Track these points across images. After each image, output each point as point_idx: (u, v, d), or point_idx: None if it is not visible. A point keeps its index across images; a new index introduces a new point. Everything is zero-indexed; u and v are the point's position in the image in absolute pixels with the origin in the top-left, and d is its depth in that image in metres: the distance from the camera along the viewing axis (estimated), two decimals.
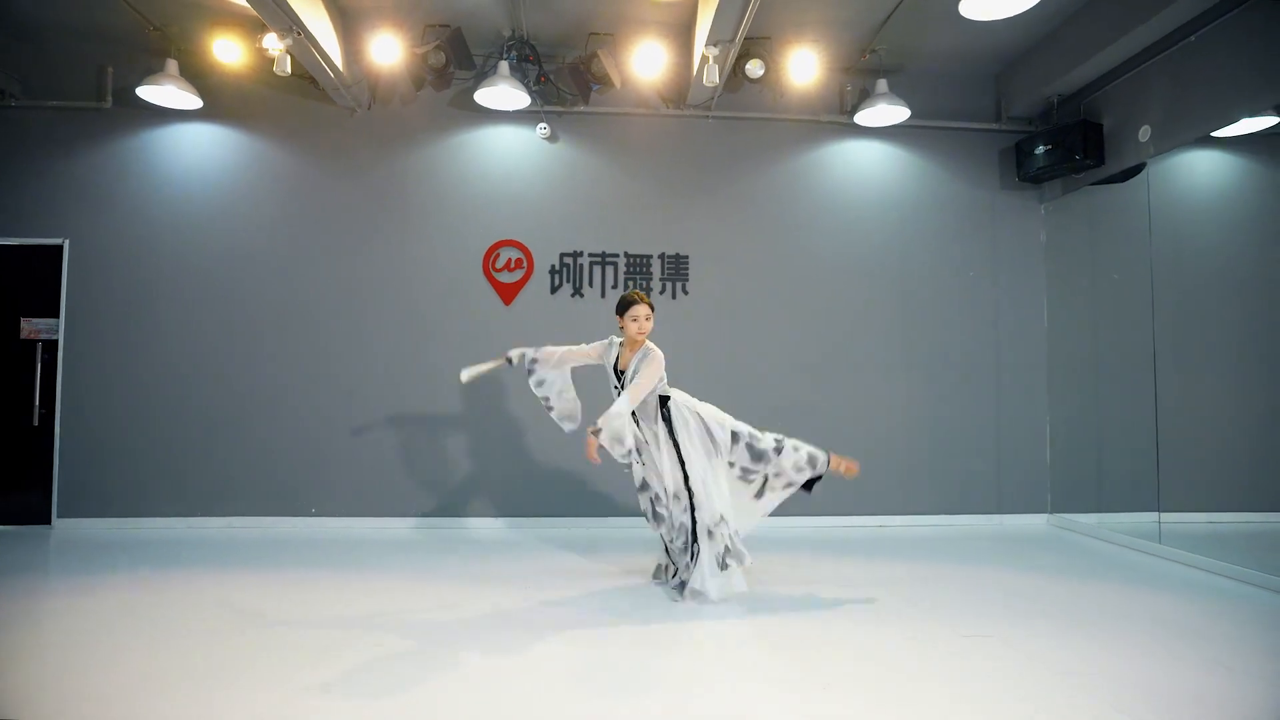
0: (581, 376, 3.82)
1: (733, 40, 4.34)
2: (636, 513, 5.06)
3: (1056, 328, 5.38)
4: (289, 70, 4.32)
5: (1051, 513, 5.32)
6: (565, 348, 3.69)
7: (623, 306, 3.49)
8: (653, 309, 3.53)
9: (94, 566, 3.93)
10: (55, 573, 3.91)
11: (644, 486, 3.58)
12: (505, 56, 4.90)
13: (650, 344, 3.46)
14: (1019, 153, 5.22)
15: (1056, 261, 5.40)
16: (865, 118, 5.15)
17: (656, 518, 3.55)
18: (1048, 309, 5.44)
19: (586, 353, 3.64)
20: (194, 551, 4.29)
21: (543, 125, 5.20)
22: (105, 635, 2.85)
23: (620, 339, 3.56)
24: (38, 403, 4.94)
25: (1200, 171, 4.45)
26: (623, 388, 3.41)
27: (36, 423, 4.94)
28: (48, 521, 4.89)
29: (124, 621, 3.02)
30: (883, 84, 5.07)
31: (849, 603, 3.40)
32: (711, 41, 4.34)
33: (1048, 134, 4.98)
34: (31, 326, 5.00)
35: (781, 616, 3.18)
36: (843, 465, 3.64)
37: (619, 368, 3.50)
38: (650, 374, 3.35)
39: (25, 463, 4.93)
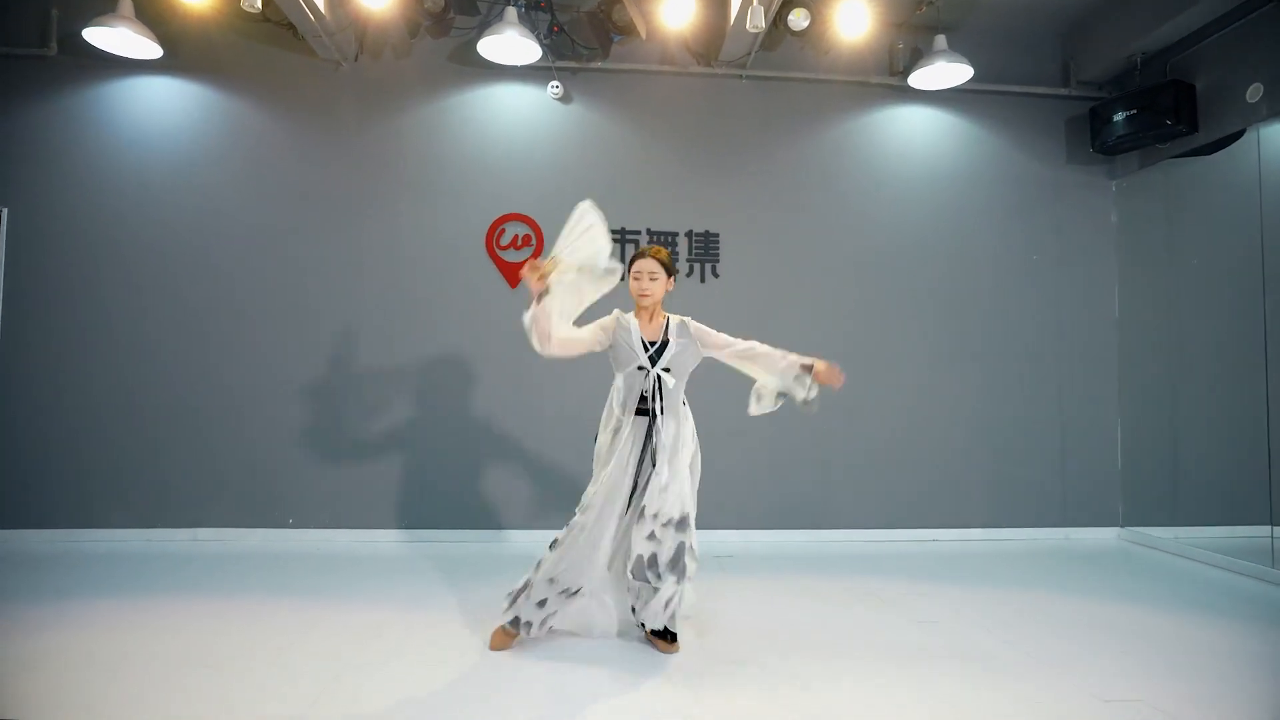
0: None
1: None
2: (704, 522, 4.50)
3: (1129, 318, 4.80)
4: (259, 7, 3.68)
5: (1123, 526, 4.75)
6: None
7: (629, 264, 2.83)
8: (670, 272, 2.81)
9: (30, 587, 3.29)
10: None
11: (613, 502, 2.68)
12: (513, 3, 4.26)
13: (685, 317, 2.84)
14: (1094, 120, 4.63)
15: (1129, 244, 4.81)
16: (921, 79, 4.54)
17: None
18: (1119, 297, 4.86)
19: (585, 339, 2.72)
20: (151, 568, 3.66)
21: (554, 83, 4.57)
22: (34, 678, 2.21)
23: (631, 313, 2.80)
24: None
25: None
26: (655, 362, 2.68)
27: None
28: None
29: (59, 660, 2.38)
30: (941, 40, 4.46)
31: (934, 647, 2.79)
32: None
33: (1130, 97, 4.38)
34: None
35: (851, 668, 2.57)
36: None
37: (647, 339, 2.73)
38: (713, 331, 2.83)
39: None
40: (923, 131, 4.83)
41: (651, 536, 2.61)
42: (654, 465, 2.65)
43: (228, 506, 4.37)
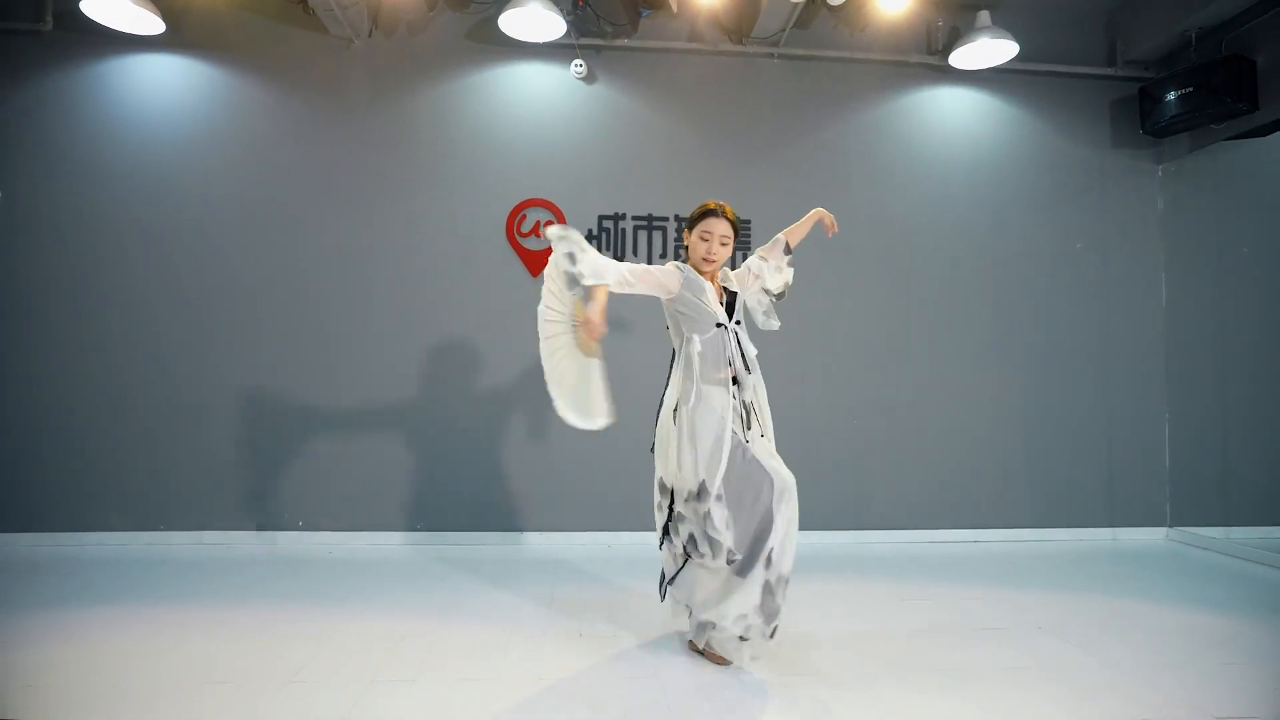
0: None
1: None
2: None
3: (1177, 311, 4.59)
4: None
5: (1171, 526, 4.54)
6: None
7: (694, 220, 2.54)
8: (737, 235, 2.56)
9: (28, 594, 3.05)
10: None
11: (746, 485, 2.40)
12: None
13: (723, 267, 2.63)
14: (1144, 100, 4.41)
15: (1177, 232, 4.61)
16: (963, 57, 4.32)
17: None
18: (1166, 288, 4.65)
19: (641, 280, 2.43)
20: (154, 574, 3.42)
21: (578, 62, 4.34)
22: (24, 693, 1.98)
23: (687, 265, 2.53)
24: None
25: None
26: (731, 316, 2.53)
27: None
28: None
29: (60, 672, 2.15)
30: (985, 16, 4.25)
31: (1010, 658, 2.57)
32: None
33: (1184, 75, 4.17)
34: None
35: (940, 681, 2.35)
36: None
37: (714, 296, 2.51)
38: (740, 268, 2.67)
39: None
40: (962, 113, 4.61)
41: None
42: (748, 429, 2.46)
43: (233, 509, 4.13)
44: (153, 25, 4.00)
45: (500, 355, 4.26)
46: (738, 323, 2.56)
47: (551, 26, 4.07)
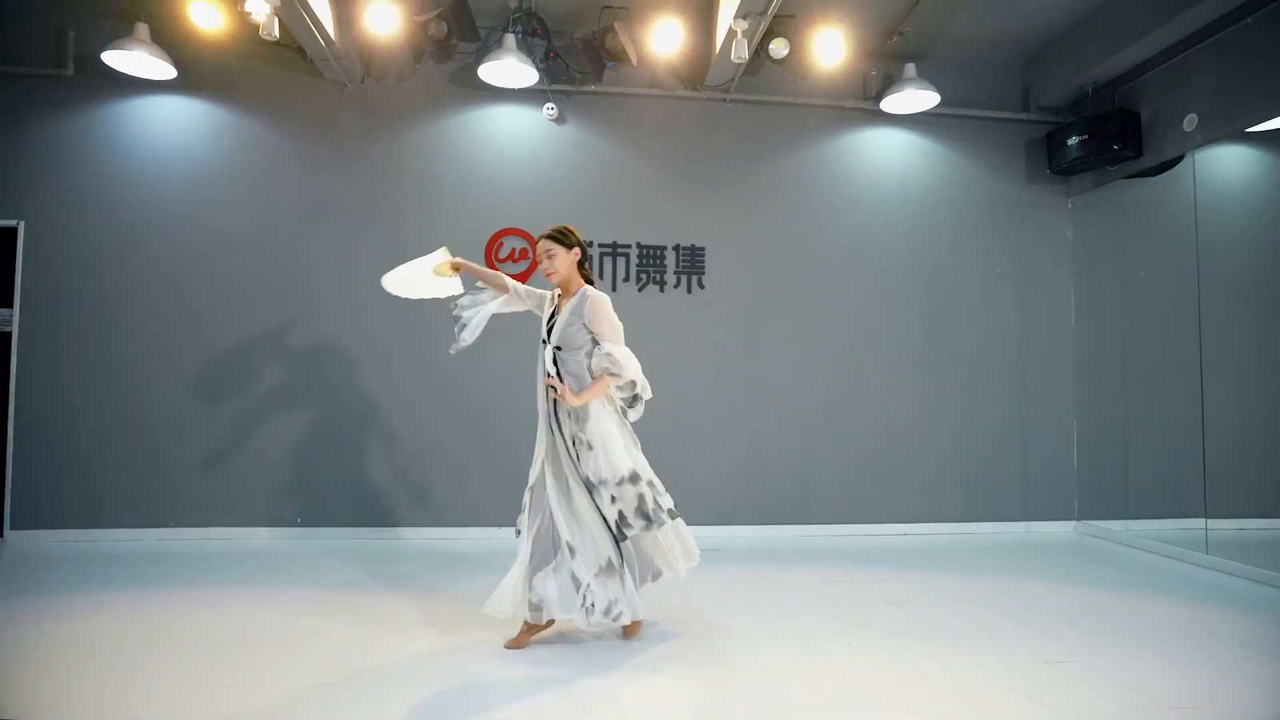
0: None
1: (764, 13, 4.05)
2: (693, 518, 4.77)
3: (1084, 327, 5.17)
4: (276, 35, 3.91)
5: (1079, 519, 5.11)
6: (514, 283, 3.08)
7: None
8: (569, 245, 2.90)
9: (51, 585, 3.48)
10: (7, 594, 3.44)
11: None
12: (511, 29, 4.53)
13: (589, 288, 2.87)
14: (1050, 143, 5.00)
15: (1085, 258, 5.19)
16: (892, 104, 4.88)
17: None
18: (1075, 307, 5.23)
19: (522, 297, 3.05)
20: (166, 565, 3.86)
21: (550, 105, 4.85)
22: (58, 672, 2.44)
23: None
24: None
25: (1245, 163, 4.25)
26: (548, 340, 2.82)
27: None
28: None
29: (78, 654, 2.60)
30: (911, 68, 4.81)
31: (902, 624, 3.10)
32: (741, 14, 4.03)
33: (1082, 124, 4.75)
34: None
35: (836, 642, 2.87)
36: None
37: (554, 313, 2.89)
38: (608, 320, 2.78)
39: None
40: (895, 152, 5.17)
41: (612, 500, 2.74)
42: (566, 440, 2.78)
43: (237, 507, 4.57)
44: (165, 71, 4.45)
45: (480, 366, 4.73)
46: (558, 347, 2.78)
47: (525, 75, 4.57)
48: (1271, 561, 3.77)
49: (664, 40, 4.53)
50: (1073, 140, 4.79)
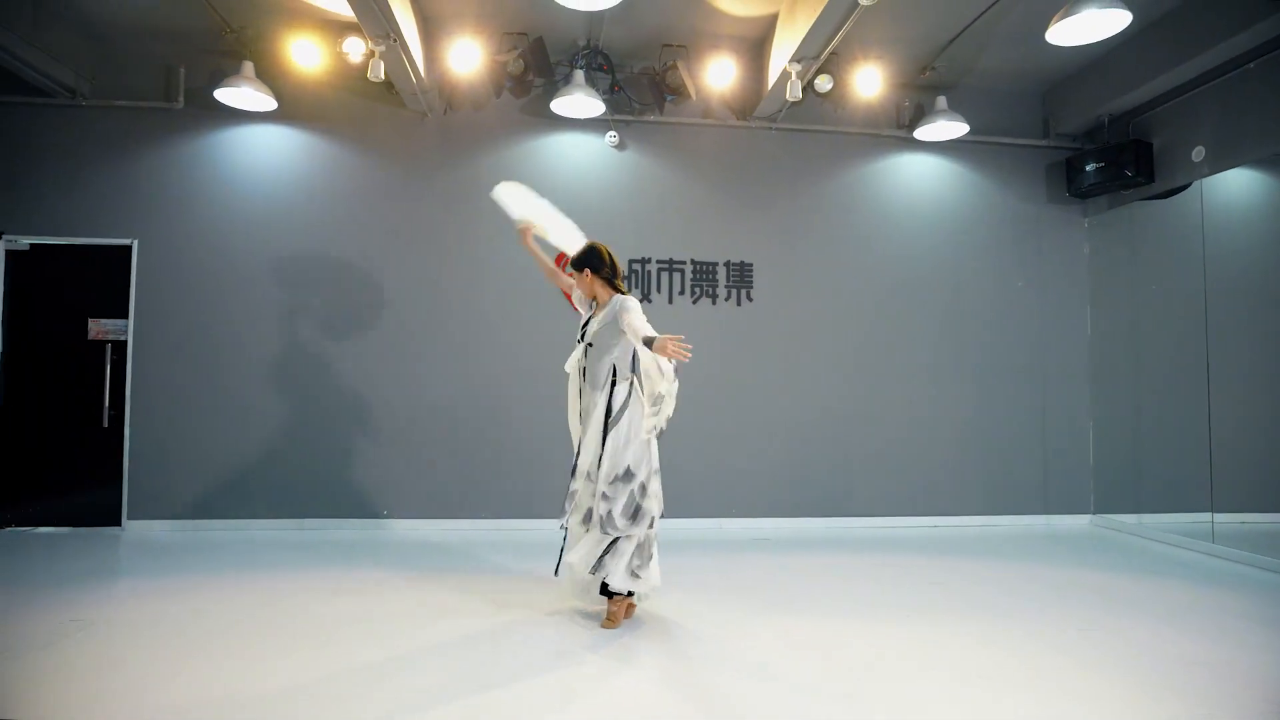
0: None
1: (817, 57, 4.50)
2: (720, 512, 5.23)
3: (1099, 336, 5.63)
4: (382, 76, 4.37)
5: (1095, 513, 5.57)
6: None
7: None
8: (580, 267, 3.31)
9: (166, 569, 3.96)
10: (130, 575, 3.90)
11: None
12: (579, 66, 4.99)
13: (620, 296, 3.15)
14: (1069, 169, 5.46)
15: (1100, 272, 5.65)
16: (925, 133, 5.33)
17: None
18: (1091, 318, 5.69)
19: (567, 281, 3.48)
20: (264, 554, 4.32)
21: (612, 133, 5.31)
22: (177, 641, 2.90)
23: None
24: (107, 404, 4.91)
25: (1251, 187, 4.70)
26: (582, 339, 3.19)
27: (106, 424, 4.90)
28: (118, 523, 4.87)
29: (196, 626, 3.05)
30: (942, 100, 5.26)
31: (954, 600, 3.56)
32: (796, 58, 4.49)
33: (1099, 152, 5.21)
34: (100, 327, 4.97)
35: (893, 612, 3.33)
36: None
37: (592, 316, 3.24)
38: (637, 316, 3.01)
39: (96, 464, 4.89)
40: (926, 176, 5.63)
41: (603, 496, 2.95)
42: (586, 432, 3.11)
43: (330, 500, 5.03)
44: (267, 103, 4.91)
45: (548, 372, 5.17)
46: (589, 344, 3.13)
47: (592, 107, 5.02)
48: (1273, 550, 4.23)
49: (719, 76, 4.99)
50: (1090, 166, 5.24)
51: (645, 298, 5.31)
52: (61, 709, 2.25)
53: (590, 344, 3.15)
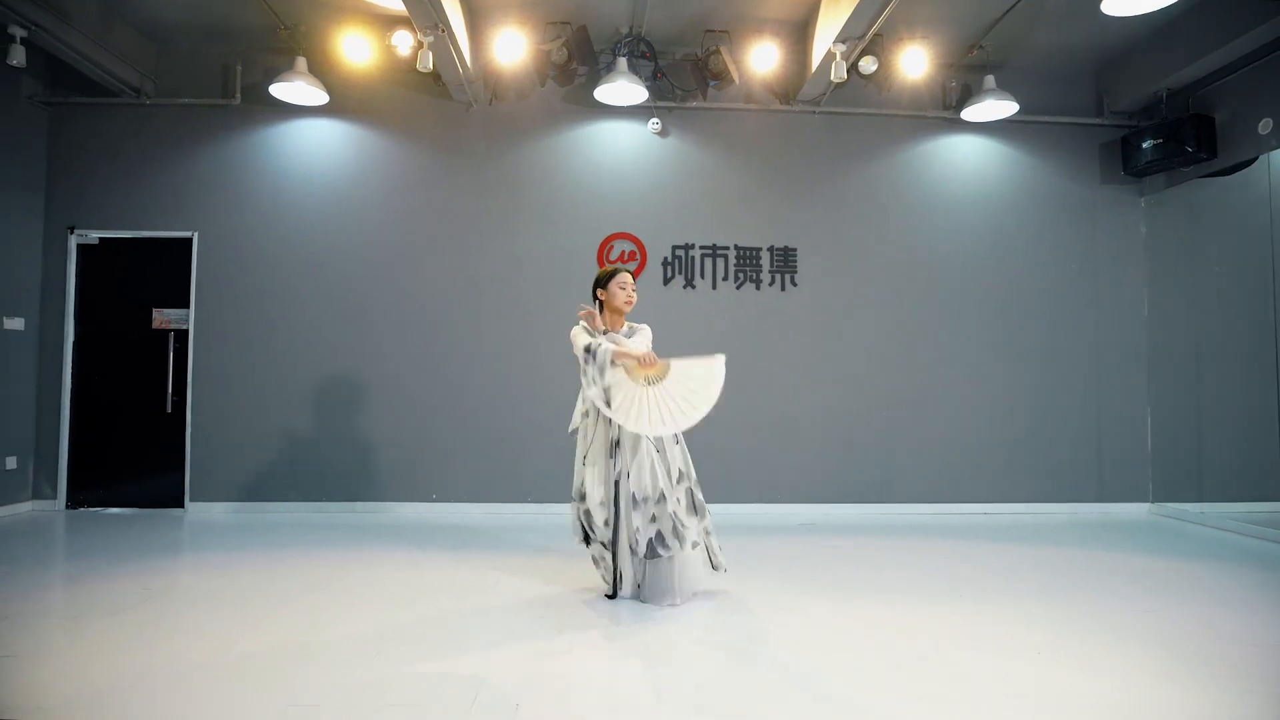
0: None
1: (862, 37, 4.45)
2: (764, 497, 5.20)
3: (1157, 319, 5.46)
4: (431, 66, 4.45)
5: (1153, 501, 5.40)
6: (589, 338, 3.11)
7: (608, 276, 3.18)
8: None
9: (228, 545, 4.10)
10: (195, 551, 4.05)
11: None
12: (622, 53, 5.01)
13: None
14: (1125, 147, 5.30)
15: (1157, 253, 5.47)
16: (973, 113, 5.23)
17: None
18: (1148, 300, 5.51)
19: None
20: (320, 535, 4.43)
21: (654, 120, 5.32)
22: (248, 604, 2.99)
23: (589, 326, 3.14)
24: (170, 390, 5.10)
25: None
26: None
27: (169, 410, 5.09)
28: (181, 505, 5.05)
29: (261, 595, 3.16)
30: (990, 80, 5.16)
31: (1011, 583, 3.49)
32: (840, 39, 4.44)
33: (1157, 128, 5.05)
34: (163, 316, 5.16)
35: (957, 595, 3.28)
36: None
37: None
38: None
39: (160, 448, 5.09)
40: (973, 158, 5.52)
41: (652, 519, 2.93)
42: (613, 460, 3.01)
43: (380, 484, 5.15)
44: (319, 98, 5.04)
45: None
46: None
47: (637, 94, 5.04)
48: None
49: (762, 60, 4.97)
50: (1147, 143, 5.08)
51: (689, 283, 5.32)
52: (150, 658, 2.36)
53: None
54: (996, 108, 5.14)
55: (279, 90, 4.92)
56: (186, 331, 5.13)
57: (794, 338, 5.36)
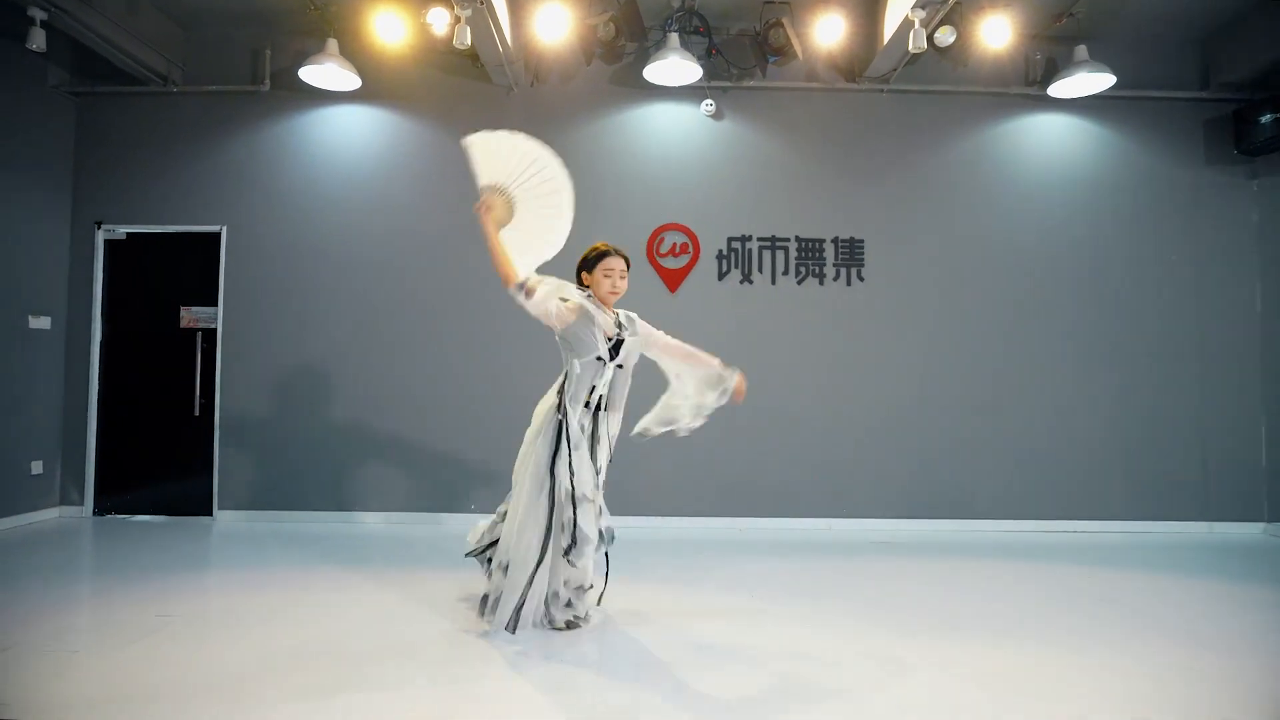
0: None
1: (944, 2, 3.99)
2: (830, 511, 4.77)
3: (1273, 317, 4.87)
4: (469, 42, 4.11)
5: (1269, 521, 4.82)
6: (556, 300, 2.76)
7: (595, 259, 2.83)
8: (628, 265, 2.87)
9: (255, 560, 3.81)
10: (221, 566, 3.77)
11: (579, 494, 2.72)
12: (673, 29, 4.62)
13: (622, 312, 2.86)
14: (1238, 123, 4.73)
15: (1272, 242, 4.89)
16: (1061, 88, 4.72)
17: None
18: (1261, 295, 4.93)
19: (549, 310, 2.72)
20: (353, 550, 4.12)
21: (708, 102, 4.91)
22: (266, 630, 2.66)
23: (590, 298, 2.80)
24: (198, 393, 4.86)
25: None
26: (614, 356, 2.75)
27: (197, 413, 4.85)
28: (209, 513, 4.80)
29: (283, 615, 2.83)
30: (1082, 50, 4.64)
31: (1130, 620, 3.01)
32: (920, 4, 3.98)
33: (1276, 101, 4.48)
34: (191, 315, 4.92)
35: (1066, 636, 2.82)
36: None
37: (607, 332, 2.77)
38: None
39: (187, 453, 4.84)
40: (1060, 139, 5.00)
41: (602, 513, 2.83)
42: (595, 455, 2.77)
43: (420, 492, 4.83)
44: (351, 82, 4.74)
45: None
46: (619, 365, 2.76)
47: (689, 72, 4.64)
48: None
49: (828, 33, 4.52)
50: (1267, 118, 4.52)
51: (746, 278, 4.90)
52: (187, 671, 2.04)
53: (620, 365, 2.80)
54: (1089, 81, 4.62)
55: (309, 74, 4.63)
56: (215, 331, 4.88)
57: (861, 337, 4.90)
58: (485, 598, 2.83)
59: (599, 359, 2.73)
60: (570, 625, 2.77)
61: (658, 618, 2.95)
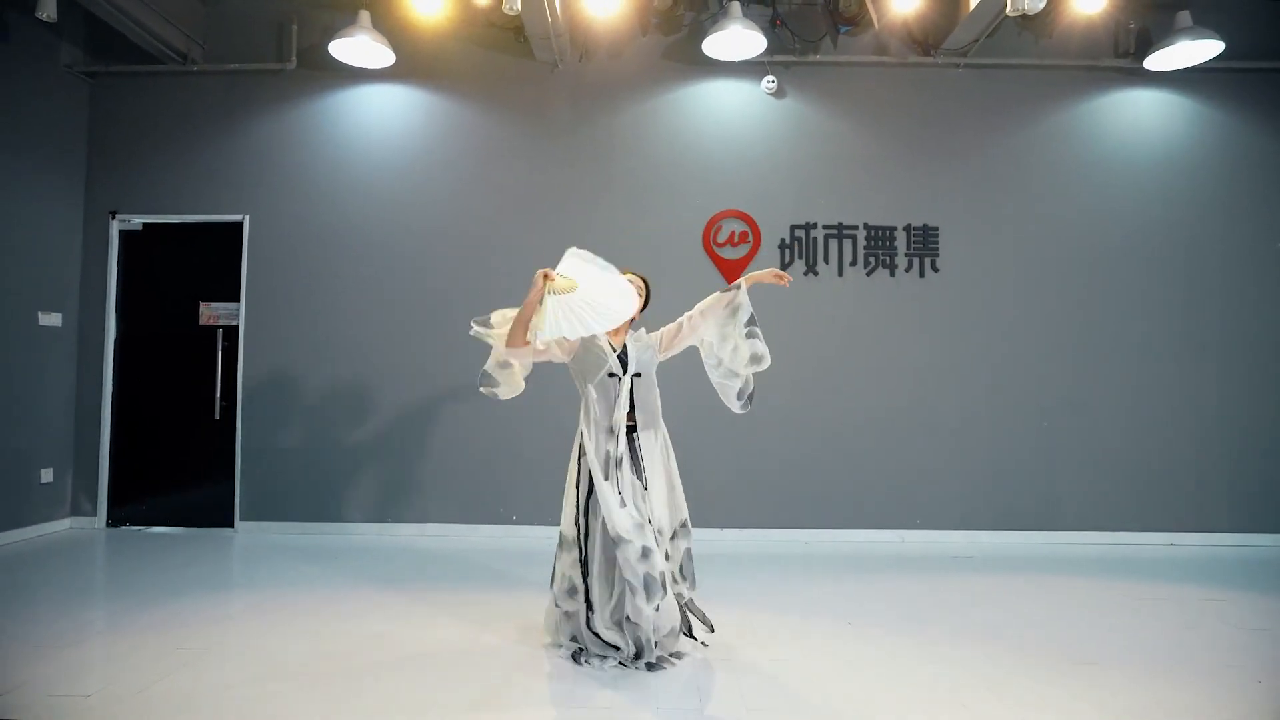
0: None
1: None
2: (901, 523, 4.37)
3: None
4: (519, 6, 3.72)
5: None
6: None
7: None
8: (645, 298, 2.74)
9: (283, 579, 3.44)
10: (245, 587, 3.39)
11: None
12: None
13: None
14: None
15: None
16: (1159, 60, 4.31)
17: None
18: None
19: (538, 348, 2.59)
20: (391, 564, 3.75)
21: (769, 79, 4.53)
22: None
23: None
24: (218, 394, 4.50)
25: None
26: (625, 368, 2.56)
27: (218, 416, 4.50)
28: (230, 524, 4.45)
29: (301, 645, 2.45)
30: (1185, 17, 4.23)
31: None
32: None
33: None
34: (211, 311, 4.57)
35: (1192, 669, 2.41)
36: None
37: (614, 345, 2.61)
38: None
39: (207, 460, 4.50)
40: (1155, 116, 4.58)
41: (666, 556, 2.51)
42: (642, 480, 2.53)
43: (455, 502, 4.46)
44: (385, 57, 4.38)
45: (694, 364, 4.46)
46: (636, 374, 2.57)
47: (752, 44, 4.26)
48: None
49: (905, 0, 4.13)
50: None
51: (811, 269, 4.50)
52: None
53: (638, 374, 2.59)
54: (1192, 51, 4.21)
55: (339, 50, 4.27)
56: (236, 328, 4.53)
57: (936, 332, 4.50)
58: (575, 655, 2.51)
59: (611, 375, 2.56)
60: (651, 668, 2.41)
61: (756, 654, 2.56)
